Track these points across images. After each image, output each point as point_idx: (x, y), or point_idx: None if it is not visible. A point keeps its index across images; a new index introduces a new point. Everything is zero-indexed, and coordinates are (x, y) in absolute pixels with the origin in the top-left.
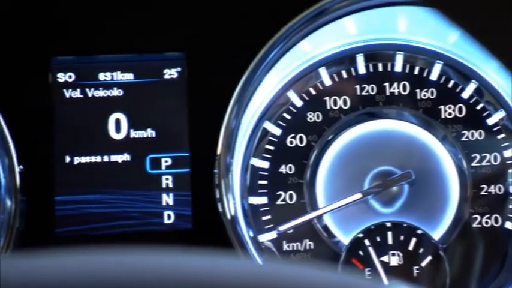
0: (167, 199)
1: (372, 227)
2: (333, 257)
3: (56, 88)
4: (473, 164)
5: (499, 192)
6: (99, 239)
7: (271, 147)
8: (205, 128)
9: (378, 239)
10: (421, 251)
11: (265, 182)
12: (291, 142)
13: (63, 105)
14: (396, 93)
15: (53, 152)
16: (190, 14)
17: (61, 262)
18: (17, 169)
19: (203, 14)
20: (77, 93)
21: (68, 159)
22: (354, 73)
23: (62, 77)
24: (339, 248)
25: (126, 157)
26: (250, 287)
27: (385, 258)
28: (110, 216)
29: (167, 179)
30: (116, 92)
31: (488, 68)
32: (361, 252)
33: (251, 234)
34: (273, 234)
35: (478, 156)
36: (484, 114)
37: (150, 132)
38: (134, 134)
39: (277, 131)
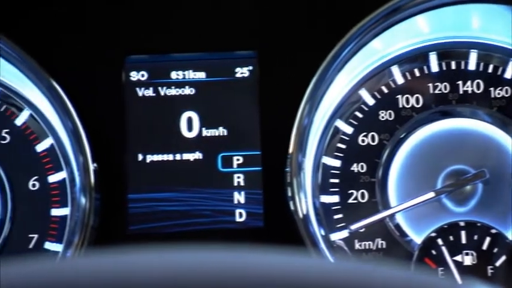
0: (239, 197)
1: (445, 226)
2: (406, 256)
3: (129, 87)
4: None
5: None
6: (172, 237)
7: (343, 146)
8: (277, 126)
9: (451, 238)
10: (495, 250)
11: (336, 180)
12: (363, 141)
13: (136, 103)
14: (470, 92)
15: (126, 150)
16: (262, 12)
17: (136, 260)
18: (91, 167)
19: (275, 13)
20: (149, 92)
21: (140, 157)
22: (426, 71)
23: (135, 76)
24: (412, 247)
25: (198, 155)
26: (326, 286)
27: (458, 258)
28: (182, 214)
29: (239, 177)
30: (188, 91)
31: None
32: (434, 252)
33: (322, 233)
34: (344, 233)
35: None
36: None
37: (221, 131)
38: (206, 132)
39: (349, 130)
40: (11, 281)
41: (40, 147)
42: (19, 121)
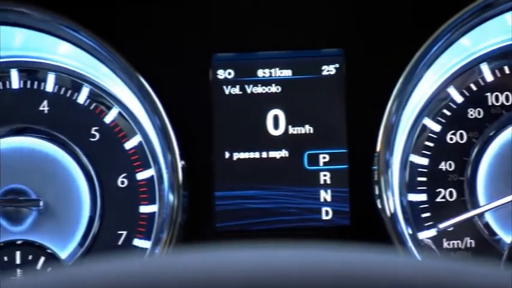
0: (325, 195)
1: None
2: (495, 255)
3: (216, 85)
4: None
5: None
6: (258, 235)
7: (431, 144)
8: (364, 124)
9: None
10: None
11: (424, 179)
12: (451, 139)
13: (223, 101)
14: None
15: (213, 148)
16: (349, 9)
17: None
18: (179, 165)
19: (362, 10)
20: (236, 90)
21: (227, 155)
22: None
23: (221, 74)
24: (501, 246)
25: (284, 153)
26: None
27: None
28: (269, 211)
29: (325, 175)
30: (274, 89)
31: None
32: None
33: (410, 232)
34: (432, 232)
35: None
36: None
37: (308, 129)
38: (292, 130)
39: (437, 128)
40: (105, 279)
41: (128, 144)
42: (108, 119)
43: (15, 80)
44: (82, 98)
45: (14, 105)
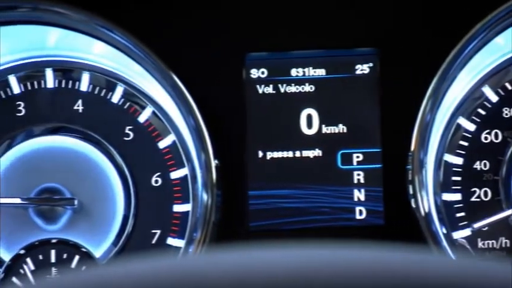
0: (359, 195)
1: None
2: None
3: (250, 84)
4: None
5: None
6: (291, 234)
7: (465, 143)
8: (398, 123)
9: None
10: None
11: (458, 178)
12: (486, 138)
13: (256, 101)
14: None
15: (246, 147)
16: (382, 8)
17: (259, 257)
18: (213, 164)
19: (396, 8)
20: (269, 89)
21: (260, 154)
22: None
23: (255, 73)
24: None
25: (317, 152)
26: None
27: None
28: (302, 211)
29: (358, 174)
30: (307, 88)
31: None
32: None
33: (444, 231)
34: (467, 232)
35: None
36: None
37: (341, 128)
38: (326, 129)
39: (471, 127)
40: (143, 278)
41: (162, 143)
42: (142, 118)
43: (50, 80)
44: (116, 97)
45: (49, 104)
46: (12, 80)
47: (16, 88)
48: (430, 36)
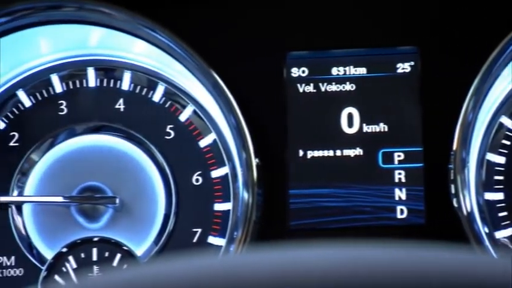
0: (400, 194)
1: None
2: None
3: (291, 83)
4: None
5: None
6: (332, 233)
7: (508, 142)
8: (439, 122)
9: None
10: None
11: (501, 177)
12: None
13: (297, 99)
14: None
15: (287, 146)
16: (423, 6)
17: (300, 256)
18: (254, 163)
19: (437, 6)
20: (310, 88)
21: (301, 153)
22: None
23: (295, 72)
24: None
25: (358, 151)
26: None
27: None
28: (343, 210)
29: (400, 173)
30: (348, 87)
31: None
32: None
33: (486, 231)
34: (509, 231)
35: None
36: None
37: (382, 127)
38: (366, 128)
39: None
40: (184, 276)
41: (203, 142)
42: (183, 117)
43: (91, 79)
44: (157, 96)
45: (91, 103)
46: (55, 79)
47: (58, 87)
48: (472, 35)
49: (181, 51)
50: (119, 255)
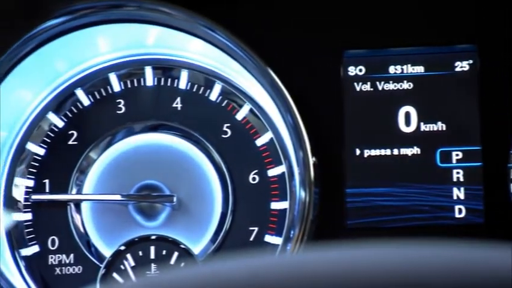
0: (458, 193)
1: None
2: None
3: (347, 82)
4: None
5: None
6: (390, 232)
7: None
8: (498, 121)
9: None
10: None
11: None
12: None
13: (354, 98)
14: None
15: (343, 145)
16: (482, 4)
17: (360, 255)
18: (311, 161)
19: (496, 5)
20: (367, 87)
21: (358, 151)
22: None
23: (352, 71)
24: None
25: (415, 150)
26: None
27: None
28: (401, 209)
29: (458, 172)
30: (405, 85)
31: None
32: None
33: None
34: None
35: None
36: None
37: (440, 126)
38: (424, 127)
39: None
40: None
41: (260, 141)
42: (240, 116)
43: (149, 77)
44: (214, 95)
45: (148, 102)
46: (113, 78)
47: (116, 86)
48: None
49: (238, 50)
50: (176, 254)
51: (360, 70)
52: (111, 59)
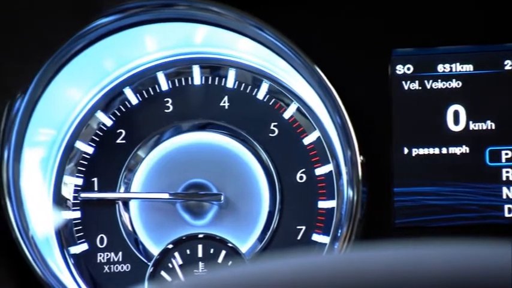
0: (507, 192)
1: None
2: None
3: (395, 80)
4: None
5: None
6: (438, 231)
7: None
8: None
9: None
10: None
11: None
12: None
13: (402, 97)
14: None
15: (391, 144)
16: None
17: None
18: (358, 160)
19: None
20: (415, 85)
21: (406, 150)
22: None
23: (400, 69)
24: None
25: (464, 149)
26: None
27: None
28: (449, 208)
29: (507, 172)
30: (454, 84)
31: None
32: None
33: None
34: None
35: None
36: None
37: (489, 124)
38: (473, 126)
39: None
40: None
41: (307, 140)
42: (287, 114)
43: (197, 76)
44: (262, 93)
45: (196, 101)
46: (161, 76)
47: (164, 85)
48: None
49: (286, 49)
50: (223, 252)
51: (408, 69)
52: (159, 58)
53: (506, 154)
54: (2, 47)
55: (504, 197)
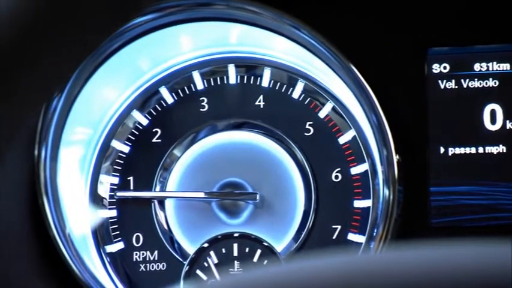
0: None
1: None
2: None
3: (431, 79)
4: None
5: None
6: (475, 231)
7: None
8: None
9: None
10: None
11: None
12: None
13: (438, 96)
14: None
15: (427, 143)
16: None
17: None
18: (395, 159)
19: None
20: (451, 84)
21: (442, 150)
22: None
23: (437, 68)
24: None
25: (501, 149)
26: None
27: None
28: (486, 208)
29: None
30: (491, 83)
31: None
32: None
33: None
34: None
35: None
36: None
37: None
38: (510, 125)
39: None
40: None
41: (342, 139)
42: (322, 114)
43: (232, 75)
44: (297, 92)
45: (231, 100)
46: (196, 76)
47: (199, 84)
48: None
49: (322, 48)
50: (259, 251)
51: (445, 67)
52: (195, 57)
53: None
54: (40, 46)
55: None
